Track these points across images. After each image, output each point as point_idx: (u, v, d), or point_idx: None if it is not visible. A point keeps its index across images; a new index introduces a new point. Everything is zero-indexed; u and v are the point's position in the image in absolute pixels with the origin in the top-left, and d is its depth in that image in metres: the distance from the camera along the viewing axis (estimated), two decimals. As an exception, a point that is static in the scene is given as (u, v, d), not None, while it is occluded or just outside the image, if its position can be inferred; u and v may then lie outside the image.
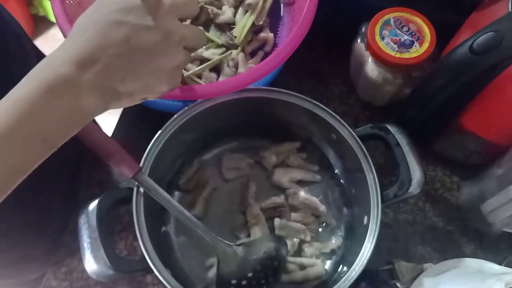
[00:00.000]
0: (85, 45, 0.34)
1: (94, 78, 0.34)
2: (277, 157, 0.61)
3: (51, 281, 0.58)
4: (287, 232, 0.56)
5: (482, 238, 0.60)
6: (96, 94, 0.34)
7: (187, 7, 0.39)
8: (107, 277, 0.46)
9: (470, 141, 0.57)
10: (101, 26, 0.34)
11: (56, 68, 0.33)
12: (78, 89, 0.33)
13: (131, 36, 0.34)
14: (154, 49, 0.36)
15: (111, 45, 0.34)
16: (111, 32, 0.34)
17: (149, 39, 0.35)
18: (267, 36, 0.64)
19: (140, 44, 0.35)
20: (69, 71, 0.33)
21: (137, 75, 0.36)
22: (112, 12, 0.34)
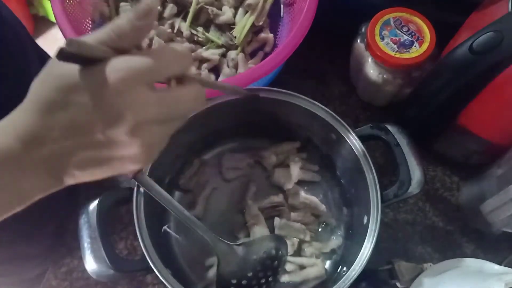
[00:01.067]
0: (31, 120, 0.29)
1: (40, 157, 0.30)
2: (277, 157, 0.61)
3: (51, 280, 0.58)
4: (287, 232, 0.56)
5: (482, 238, 0.60)
6: (45, 173, 0.30)
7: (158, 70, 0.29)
8: (107, 276, 0.46)
9: (470, 141, 0.57)
10: (45, 101, 0.29)
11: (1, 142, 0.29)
12: (21, 168, 0.30)
13: (74, 119, 0.29)
14: (101, 137, 0.29)
15: (55, 128, 0.29)
16: (53, 111, 0.29)
17: (93, 126, 0.29)
18: (267, 36, 0.65)
19: (84, 130, 0.29)
20: (11, 147, 0.29)
21: (92, 161, 0.30)
22: (54, 89, 0.29)
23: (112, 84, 0.28)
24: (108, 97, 0.28)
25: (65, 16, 0.55)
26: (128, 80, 0.28)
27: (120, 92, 0.28)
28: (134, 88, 0.28)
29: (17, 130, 0.29)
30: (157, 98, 0.30)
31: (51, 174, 0.31)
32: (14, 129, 0.30)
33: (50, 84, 0.29)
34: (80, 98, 0.28)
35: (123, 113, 0.28)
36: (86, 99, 0.28)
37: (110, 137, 0.29)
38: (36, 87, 0.30)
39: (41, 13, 1.68)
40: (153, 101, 0.29)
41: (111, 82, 0.28)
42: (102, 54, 0.28)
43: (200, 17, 0.64)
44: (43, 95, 0.29)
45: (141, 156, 0.31)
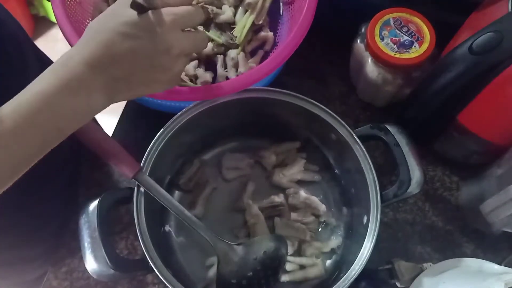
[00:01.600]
0: (96, 50, 0.37)
1: (103, 80, 0.38)
2: (277, 157, 0.61)
3: (51, 281, 0.58)
4: (287, 232, 0.56)
5: (482, 238, 0.60)
6: (104, 93, 0.39)
7: (190, 19, 0.42)
8: (108, 276, 0.46)
9: (469, 141, 0.57)
10: (110, 35, 0.38)
11: (72, 68, 0.37)
12: (89, 88, 0.38)
13: (135, 48, 0.38)
14: (156, 61, 0.39)
15: (118, 54, 0.38)
16: (118, 42, 0.37)
17: (151, 53, 0.39)
18: (267, 35, 0.65)
19: (143, 56, 0.39)
20: (83, 72, 0.37)
21: (140, 81, 0.40)
22: (121, 24, 0.38)
23: (166, 23, 0.39)
24: (161, 33, 0.38)
25: (65, 16, 0.55)
26: (176, 22, 0.39)
27: (170, 30, 0.39)
28: (177, 28, 0.40)
29: (85, 58, 0.37)
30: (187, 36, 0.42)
31: (108, 93, 0.39)
32: (82, 57, 0.37)
33: (118, 20, 0.38)
34: (141, 33, 0.38)
35: (172, 44, 0.39)
36: (146, 34, 0.38)
37: (161, 62, 0.40)
38: (98, 26, 0.38)
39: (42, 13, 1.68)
40: (187, 38, 0.41)
41: (165, 22, 0.39)
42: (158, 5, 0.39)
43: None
44: (110, 27, 0.38)
45: (174, 79, 0.43)
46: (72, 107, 0.37)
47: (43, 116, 0.36)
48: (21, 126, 0.35)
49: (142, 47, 0.38)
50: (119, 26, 0.38)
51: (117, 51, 0.38)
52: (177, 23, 0.40)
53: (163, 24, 0.39)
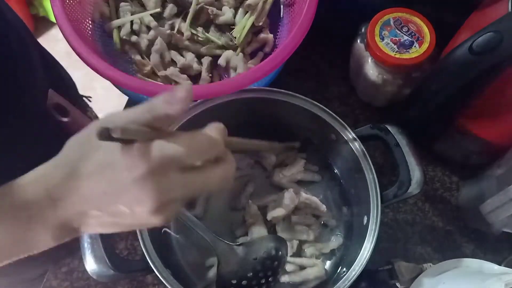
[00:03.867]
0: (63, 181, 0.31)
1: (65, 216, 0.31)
2: (277, 157, 0.61)
3: (51, 281, 0.58)
4: (290, 235, 0.56)
5: (482, 238, 0.60)
6: (63, 229, 0.32)
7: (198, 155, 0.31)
8: (108, 277, 0.46)
9: (469, 142, 0.57)
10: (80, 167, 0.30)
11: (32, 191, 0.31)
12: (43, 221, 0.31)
13: (106, 191, 0.30)
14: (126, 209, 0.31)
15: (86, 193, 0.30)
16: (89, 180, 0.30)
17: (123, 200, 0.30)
18: (267, 37, 0.65)
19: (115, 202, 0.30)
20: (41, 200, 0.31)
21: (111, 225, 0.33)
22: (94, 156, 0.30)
23: (148, 167, 0.29)
24: (142, 177, 0.29)
25: (65, 16, 0.55)
26: (162, 166, 0.29)
27: (153, 175, 0.29)
28: (166, 173, 0.30)
29: (48, 186, 0.31)
30: (186, 181, 0.31)
31: (70, 228, 0.32)
32: (45, 184, 0.31)
33: (89, 153, 0.30)
34: (115, 174, 0.30)
35: (152, 194, 0.30)
36: (121, 176, 0.29)
37: (135, 213, 0.31)
38: (73, 148, 0.31)
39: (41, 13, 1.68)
40: (182, 184, 0.31)
41: (146, 166, 0.29)
42: (141, 137, 0.30)
43: (200, 17, 0.64)
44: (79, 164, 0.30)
45: (160, 225, 0.32)
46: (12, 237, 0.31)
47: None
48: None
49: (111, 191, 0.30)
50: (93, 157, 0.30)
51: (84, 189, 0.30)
52: (167, 167, 0.30)
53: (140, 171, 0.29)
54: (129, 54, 0.64)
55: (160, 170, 0.29)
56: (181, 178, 0.31)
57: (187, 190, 0.32)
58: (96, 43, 0.62)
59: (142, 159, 0.29)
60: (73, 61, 0.58)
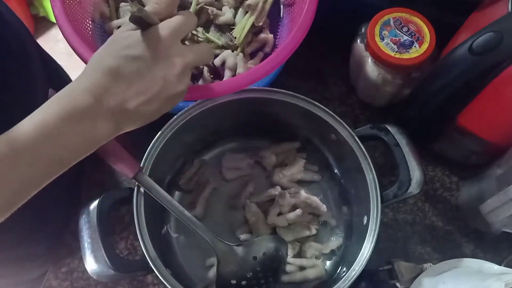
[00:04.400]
0: (100, 77, 0.37)
1: (110, 108, 0.37)
2: (277, 157, 0.61)
3: (51, 281, 0.58)
4: (291, 236, 0.56)
5: (482, 238, 0.60)
6: (110, 122, 0.38)
7: (186, 27, 0.41)
8: (108, 277, 0.46)
9: (469, 141, 0.57)
10: (114, 60, 0.37)
11: (75, 97, 0.36)
12: (94, 117, 0.37)
13: (140, 69, 0.37)
14: (161, 80, 0.38)
15: (124, 78, 0.37)
16: (122, 66, 0.37)
17: (157, 71, 0.38)
18: (267, 37, 0.64)
19: (150, 76, 0.38)
20: (86, 101, 0.36)
21: (148, 103, 0.39)
22: (122, 48, 0.38)
23: (165, 38, 0.38)
24: (163, 49, 0.38)
25: (65, 16, 0.55)
26: (173, 34, 0.39)
27: (170, 44, 0.38)
28: (177, 41, 0.39)
29: (89, 87, 0.37)
30: (191, 48, 0.41)
31: (116, 121, 0.38)
32: (86, 86, 0.37)
33: (118, 45, 0.38)
34: (144, 53, 0.37)
35: (174, 59, 0.39)
36: (149, 52, 0.37)
37: (167, 78, 0.39)
38: (101, 55, 0.38)
39: (42, 13, 1.68)
40: (190, 50, 0.41)
41: (164, 37, 0.38)
42: (155, 21, 0.39)
43: (200, 17, 0.64)
44: (112, 53, 0.38)
45: (181, 95, 0.41)
46: (75, 138, 0.37)
47: (42, 148, 0.35)
48: (20, 156, 0.34)
49: (147, 67, 0.38)
50: (121, 50, 0.38)
51: (123, 75, 0.37)
52: (175, 35, 0.39)
53: (162, 39, 0.38)
54: (129, 54, 0.64)
55: (172, 39, 0.39)
56: (185, 46, 0.40)
57: (193, 55, 0.40)
58: (96, 43, 0.62)
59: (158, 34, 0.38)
60: (73, 61, 0.58)
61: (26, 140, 0.34)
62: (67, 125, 0.36)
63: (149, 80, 0.38)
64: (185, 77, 0.40)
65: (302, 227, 0.57)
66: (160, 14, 0.40)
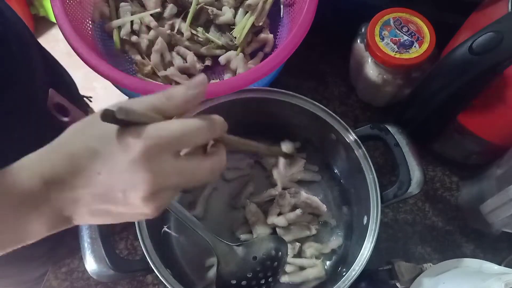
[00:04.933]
0: (59, 163, 0.31)
1: (58, 202, 0.31)
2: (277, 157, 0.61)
3: (51, 281, 0.58)
4: (292, 236, 0.56)
5: (482, 238, 0.60)
6: (56, 216, 0.32)
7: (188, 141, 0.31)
8: (108, 277, 0.46)
9: (469, 142, 0.57)
10: (78, 148, 0.30)
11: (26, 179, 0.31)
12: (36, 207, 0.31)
13: (99, 170, 0.30)
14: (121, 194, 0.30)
15: (80, 177, 0.30)
16: (83, 159, 0.30)
17: (117, 183, 0.30)
18: (267, 37, 0.65)
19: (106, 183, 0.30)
20: (35, 185, 0.30)
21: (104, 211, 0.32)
22: (93, 137, 0.30)
23: (142, 148, 0.29)
24: (136, 158, 0.29)
25: (65, 16, 0.55)
26: (156, 146, 0.29)
27: (147, 156, 0.29)
28: (160, 156, 0.30)
29: (43, 170, 0.30)
30: (178, 169, 0.31)
31: (62, 217, 0.32)
32: (40, 168, 0.31)
33: (89, 133, 0.31)
34: (110, 156, 0.29)
35: (146, 177, 0.29)
36: (117, 158, 0.29)
37: (128, 198, 0.30)
38: (70, 135, 0.32)
39: (42, 13, 1.68)
40: (175, 169, 0.31)
41: (141, 146, 0.29)
42: (146, 120, 0.30)
43: (200, 17, 0.64)
44: (77, 146, 0.30)
45: (150, 215, 0.32)
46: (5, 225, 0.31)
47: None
48: None
49: (108, 171, 0.30)
50: (90, 139, 0.30)
51: (78, 173, 0.30)
52: (161, 149, 0.30)
53: (137, 151, 0.29)
54: (129, 54, 0.64)
55: (154, 152, 0.29)
56: (173, 163, 0.30)
57: (178, 177, 0.31)
58: (96, 43, 0.63)
59: (137, 139, 0.29)
60: (73, 61, 0.58)
61: None
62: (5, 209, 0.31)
63: (106, 189, 0.30)
64: (156, 201, 0.31)
65: (302, 227, 0.57)
66: (165, 112, 0.31)
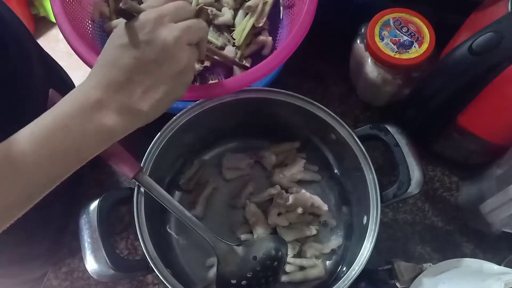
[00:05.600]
0: (106, 71, 0.39)
1: (117, 98, 0.39)
2: (277, 157, 0.61)
3: (52, 281, 0.58)
4: (292, 236, 0.56)
5: (482, 238, 0.60)
6: (120, 114, 0.39)
7: (176, 13, 0.41)
8: (108, 277, 0.46)
9: (469, 141, 0.57)
10: (112, 53, 0.39)
11: (86, 91, 0.38)
12: (106, 109, 0.38)
13: (136, 55, 0.38)
14: (158, 58, 0.39)
15: (125, 67, 0.38)
16: (120, 56, 0.39)
17: (152, 52, 0.39)
18: (266, 39, 0.64)
19: (147, 60, 0.39)
20: (96, 94, 0.38)
21: (154, 87, 0.40)
22: (116, 40, 0.39)
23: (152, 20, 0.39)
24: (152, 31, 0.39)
25: (65, 16, 0.55)
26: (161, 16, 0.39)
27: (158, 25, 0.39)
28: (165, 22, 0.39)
29: (97, 81, 0.39)
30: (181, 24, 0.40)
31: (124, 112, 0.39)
32: (94, 81, 0.39)
33: (113, 39, 0.40)
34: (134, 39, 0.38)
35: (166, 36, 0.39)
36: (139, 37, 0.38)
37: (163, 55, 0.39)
38: (101, 54, 0.40)
39: (42, 13, 1.68)
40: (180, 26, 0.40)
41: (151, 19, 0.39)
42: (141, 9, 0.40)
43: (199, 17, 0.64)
44: (109, 48, 0.39)
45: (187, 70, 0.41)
46: (88, 130, 0.38)
47: (59, 140, 0.36)
48: (38, 149, 0.36)
49: (141, 51, 0.38)
50: (115, 42, 0.39)
51: (123, 65, 0.38)
52: (163, 17, 0.40)
53: (149, 22, 0.39)
54: (129, 54, 0.64)
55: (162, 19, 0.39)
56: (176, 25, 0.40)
57: (185, 30, 0.40)
58: (96, 43, 0.62)
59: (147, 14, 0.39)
60: (73, 61, 0.58)
61: (42, 133, 0.36)
62: (80, 118, 0.37)
63: (149, 65, 0.39)
64: (182, 50, 0.40)
65: (302, 227, 0.57)
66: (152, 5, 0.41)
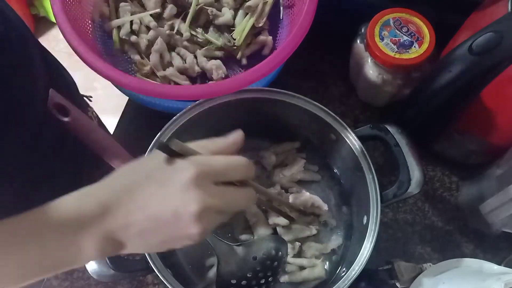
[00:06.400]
0: (116, 191, 0.35)
1: (110, 227, 0.35)
2: (277, 157, 0.61)
3: (52, 281, 0.58)
4: (292, 235, 0.56)
5: (482, 238, 0.60)
6: (99, 243, 0.35)
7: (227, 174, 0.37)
8: (108, 277, 0.46)
9: (469, 142, 0.57)
10: (134, 178, 0.36)
11: (84, 203, 0.35)
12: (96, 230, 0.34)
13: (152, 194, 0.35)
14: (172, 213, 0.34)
15: (135, 198, 0.35)
16: (137, 186, 0.35)
17: (168, 202, 0.34)
18: (266, 39, 0.64)
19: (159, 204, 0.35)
20: (92, 211, 0.34)
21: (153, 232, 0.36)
22: (147, 168, 0.36)
23: (193, 174, 0.34)
24: (186, 184, 0.34)
25: (65, 16, 0.55)
26: (207, 175, 0.35)
27: (197, 180, 0.34)
28: (207, 181, 0.35)
29: (100, 196, 0.35)
30: (221, 192, 0.36)
31: (113, 241, 0.35)
32: (97, 194, 0.35)
33: (143, 166, 0.37)
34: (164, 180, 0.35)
35: (196, 197, 0.34)
36: (169, 181, 0.34)
37: (179, 216, 0.34)
38: (122, 171, 0.37)
39: (42, 13, 1.68)
40: (218, 193, 0.36)
41: (192, 173, 0.34)
42: (193, 153, 0.36)
43: (199, 18, 0.64)
44: (130, 176, 0.36)
45: (196, 237, 0.36)
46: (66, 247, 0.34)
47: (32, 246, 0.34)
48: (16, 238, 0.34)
49: (161, 194, 0.34)
50: (143, 169, 0.36)
51: (136, 196, 0.35)
52: (208, 176, 0.35)
53: (189, 174, 0.34)
54: (128, 54, 0.64)
55: (202, 177, 0.34)
56: (217, 188, 0.36)
57: (222, 200, 0.36)
58: (96, 43, 0.63)
59: (190, 164, 0.34)
60: (74, 61, 0.58)
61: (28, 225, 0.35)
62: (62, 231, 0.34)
63: (159, 208, 0.35)
64: (203, 221, 0.35)
65: (302, 227, 0.57)
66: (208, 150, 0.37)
